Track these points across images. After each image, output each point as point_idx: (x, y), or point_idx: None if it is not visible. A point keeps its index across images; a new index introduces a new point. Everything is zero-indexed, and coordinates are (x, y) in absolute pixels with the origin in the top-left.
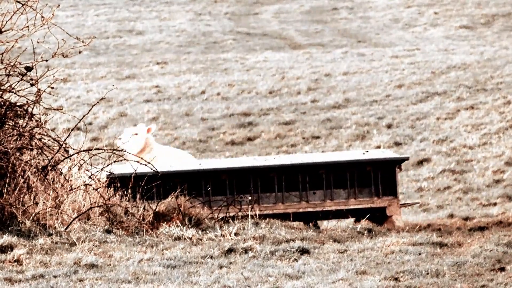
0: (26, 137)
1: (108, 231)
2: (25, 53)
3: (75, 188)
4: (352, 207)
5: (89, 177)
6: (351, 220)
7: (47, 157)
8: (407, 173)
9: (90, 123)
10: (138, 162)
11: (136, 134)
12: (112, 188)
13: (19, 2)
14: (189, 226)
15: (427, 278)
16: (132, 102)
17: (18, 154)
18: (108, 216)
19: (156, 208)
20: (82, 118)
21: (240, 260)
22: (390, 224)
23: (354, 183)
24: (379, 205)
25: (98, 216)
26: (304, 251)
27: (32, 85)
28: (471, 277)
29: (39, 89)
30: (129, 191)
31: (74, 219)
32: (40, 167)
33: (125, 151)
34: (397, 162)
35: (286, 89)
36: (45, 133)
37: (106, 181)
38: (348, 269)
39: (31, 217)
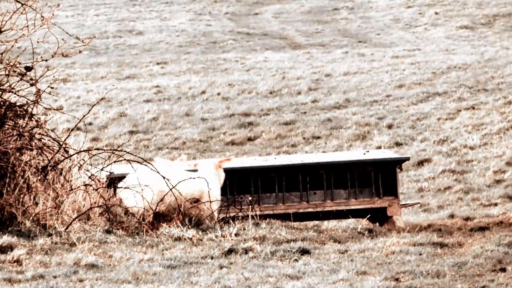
0: (26, 137)
1: (108, 232)
2: (25, 53)
3: (75, 188)
4: (352, 207)
5: (89, 177)
6: (352, 220)
7: (47, 157)
8: (407, 173)
9: (90, 123)
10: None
11: None
12: (112, 188)
13: (19, 1)
14: (189, 226)
15: (427, 279)
16: (132, 102)
17: (18, 154)
18: (108, 217)
19: (156, 209)
20: (82, 118)
21: (241, 260)
22: (390, 225)
23: (355, 183)
24: (380, 205)
25: (98, 216)
26: (304, 252)
27: (32, 85)
28: (472, 278)
29: (39, 89)
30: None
31: (74, 220)
32: (40, 167)
33: None
34: (397, 163)
35: (287, 89)
36: (45, 133)
37: (106, 181)
38: (349, 270)
39: (31, 218)
